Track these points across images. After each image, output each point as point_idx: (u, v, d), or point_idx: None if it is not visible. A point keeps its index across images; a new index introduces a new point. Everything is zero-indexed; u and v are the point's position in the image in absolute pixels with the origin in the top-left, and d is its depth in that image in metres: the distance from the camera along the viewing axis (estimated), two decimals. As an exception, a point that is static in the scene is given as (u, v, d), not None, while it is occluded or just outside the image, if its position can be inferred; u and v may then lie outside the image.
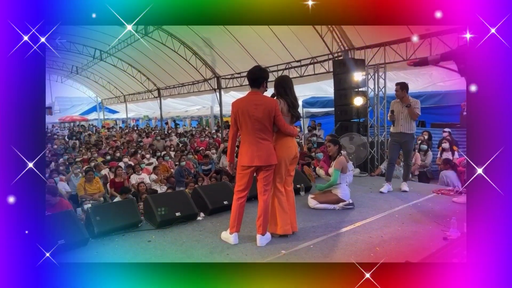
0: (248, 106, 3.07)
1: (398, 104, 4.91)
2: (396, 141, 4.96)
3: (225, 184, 4.77)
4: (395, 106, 4.95)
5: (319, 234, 3.40)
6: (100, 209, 3.85)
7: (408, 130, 4.84)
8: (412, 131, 4.87)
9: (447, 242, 3.02)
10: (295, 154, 3.34)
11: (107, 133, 17.96)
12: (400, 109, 4.85)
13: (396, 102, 4.94)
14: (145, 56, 15.13)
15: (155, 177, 7.31)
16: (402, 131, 4.85)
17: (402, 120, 4.84)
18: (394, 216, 3.90)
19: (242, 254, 3.00)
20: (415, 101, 4.84)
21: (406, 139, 4.88)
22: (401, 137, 4.87)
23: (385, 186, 4.98)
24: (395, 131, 4.94)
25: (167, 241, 3.38)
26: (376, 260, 2.78)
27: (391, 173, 5.08)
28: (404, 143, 4.91)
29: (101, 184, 6.54)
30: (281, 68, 10.37)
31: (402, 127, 4.85)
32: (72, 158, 9.18)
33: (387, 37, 7.21)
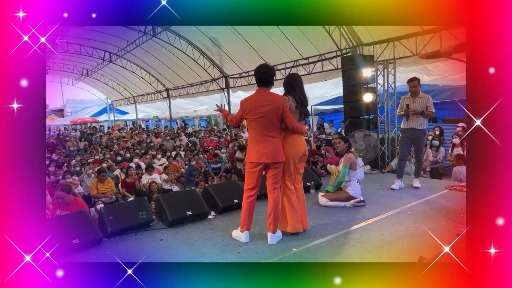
0: (257, 104, 3.08)
1: (408, 100, 4.83)
2: (407, 137, 4.89)
3: (235, 182, 4.79)
4: (406, 101, 4.86)
5: (330, 231, 3.38)
6: (112, 208, 3.91)
7: (419, 125, 4.77)
8: (423, 126, 4.82)
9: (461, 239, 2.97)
10: (304, 151, 3.33)
11: (117, 134, 18.17)
12: (411, 105, 4.78)
13: (407, 97, 4.86)
14: (153, 57, 15.24)
15: (166, 177, 7.37)
16: (413, 127, 4.79)
17: (413, 115, 4.76)
18: (406, 213, 3.86)
19: (253, 252, 3.01)
20: (427, 98, 4.77)
21: (417, 135, 4.81)
22: (412, 133, 4.81)
23: (396, 182, 4.93)
24: (406, 127, 4.87)
25: (179, 239, 3.41)
26: (388, 258, 2.77)
27: (402, 169, 5.02)
28: (415, 139, 4.84)
29: (113, 184, 6.62)
30: (289, 66, 10.33)
31: (413, 123, 4.78)
32: (84, 159, 9.31)
33: (396, 32, 7.11)
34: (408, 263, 2.46)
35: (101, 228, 3.47)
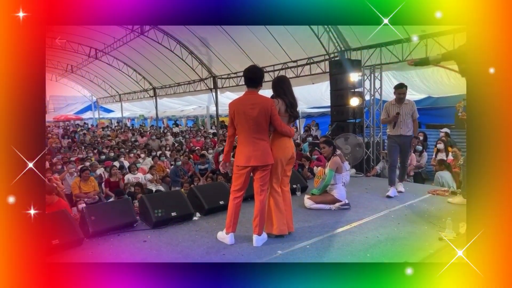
0: (245, 106, 3.06)
1: (394, 107, 4.83)
2: (396, 143, 4.84)
3: (221, 184, 4.76)
4: (392, 108, 4.85)
5: (315, 234, 3.40)
6: (95, 208, 3.82)
7: (408, 131, 4.79)
8: (411, 132, 4.84)
9: (444, 243, 3.03)
10: (292, 154, 3.34)
11: (102, 132, 17.85)
12: (399, 111, 4.76)
13: (392, 104, 4.86)
14: (141, 55, 15.05)
15: (151, 176, 7.27)
16: (402, 133, 4.77)
17: (402, 122, 4.76)
18: (390, 216, 3.91)
19: (238, 254, 2.99)
20: (412, 103, 4.82)
21: (406, 140, 4.83)
22: (401, 139, 4.80)
23: (391, 190, 4.79)
24: (395, 133, 4.82)
25: (163, 241, 3.36)
26: (372, 261, 2.79)
27: (393, 176, 4.91)
28: (403, 145, 4.84)
29: (96, 183, 6.49)
30: (277, 69, 10.37)
31: (402, 129, 4.76)
32: (66, 157, 9.10)
33: (383, 38, 7.23)
34: (394, 263, 2.49)
35: (82, 228, 3.39)
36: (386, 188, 5.00)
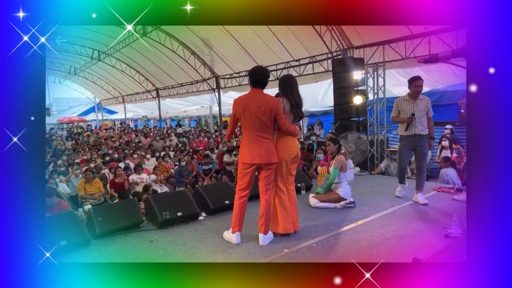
0: (250, 105, 3.07)
1: (407, 103, 4.25)
2: (409, 145, 4.28)
3: (226, 184, 4.77)
4: (405, 105, 4.26)
5: (321, 233, 3.40)
6: (101, 209, 3.84)
7: (423, 131, 4.22)
8: (426, 131, 4.26)
9: (450, 240, 3.03)
10: (296, 153, 3.35)
11: (105, 133, 17.93)
12: (411, 108, 4.20)
13: (405, 100, 4.28)
14: (143, 57, 15.11)
15: (155, 177, 7.30)
16: (417, 133, 4.20)
17: (416, 120, 4.18)
18: (396, 214, 3.91)
19: (244, 254, 3.01)
20: (427, 100, 4.28)
21: (421, 141, 4.24)
22: (417, 140, 4.23)
23: (400, 188, 4.53)
24: (408, 133, 4.24)
25: (169, 241, 3.38)
26: (379, 258, 2.79)
27: (404, 176, 4.53)
28: (418, 147, 4.26)
29: (101, 185, 6.53)
30: (280, 68, 10.37)
31: (417, 129, 4.19)
32: (71, 159, 9.15)
33: (386, 36, 7.22)
34: (402, 263, 2.48)
35: (89, 229, 3.41)
36: (390, 185, 5.00)
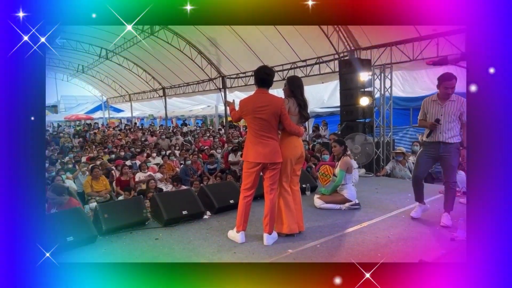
0: (255, 105, 3.09)
1: (435, 104, 3.56)
2: (430, 154, 3.61)
3: (231, 183, 4.79)
4: (432, 106, 3.57)
5: (325, 234, 3.40)
6: (108, 206, 3.88)
7: (452, 138, 3.48)
8: (457, 139, 3.50)
9: (456, 243, 3.01)
10: (301, 153, 3.35)
11: (112, 131, 18.06)
12: (439, 111, 3.52)
13: (433, 100, 3.58)
14: (150, 55, 15.20)
15: (160, 175, 7.34)
16: (441, 140, 3.49)
17: (443, 125, 3.48)
18: (401, 216, 3.89)
19: (249, 253, 3.02)
20: (461, 101, 3.45)
21: (448, 151, 3.50)
22: (441, 148, 3.51)
23: (417, 208, 3.83)
24: (432, 140, 3.56)
25: (174, 239, 3.40)
26: (384, 261, 2.78)
27: (421, 192, 3.80)
28: (444, 157, 3.53)
29: (108, 182, 6.58)
30: (286, 68, 10.37)
31: (442, 136, 3.49)
32: (78, 156, 9.24)
33: (393, 37, 7.18)
34: (402, 263, 2.48)
35: (96, 226, 3.45)
36: (396, 187, 4.97)
